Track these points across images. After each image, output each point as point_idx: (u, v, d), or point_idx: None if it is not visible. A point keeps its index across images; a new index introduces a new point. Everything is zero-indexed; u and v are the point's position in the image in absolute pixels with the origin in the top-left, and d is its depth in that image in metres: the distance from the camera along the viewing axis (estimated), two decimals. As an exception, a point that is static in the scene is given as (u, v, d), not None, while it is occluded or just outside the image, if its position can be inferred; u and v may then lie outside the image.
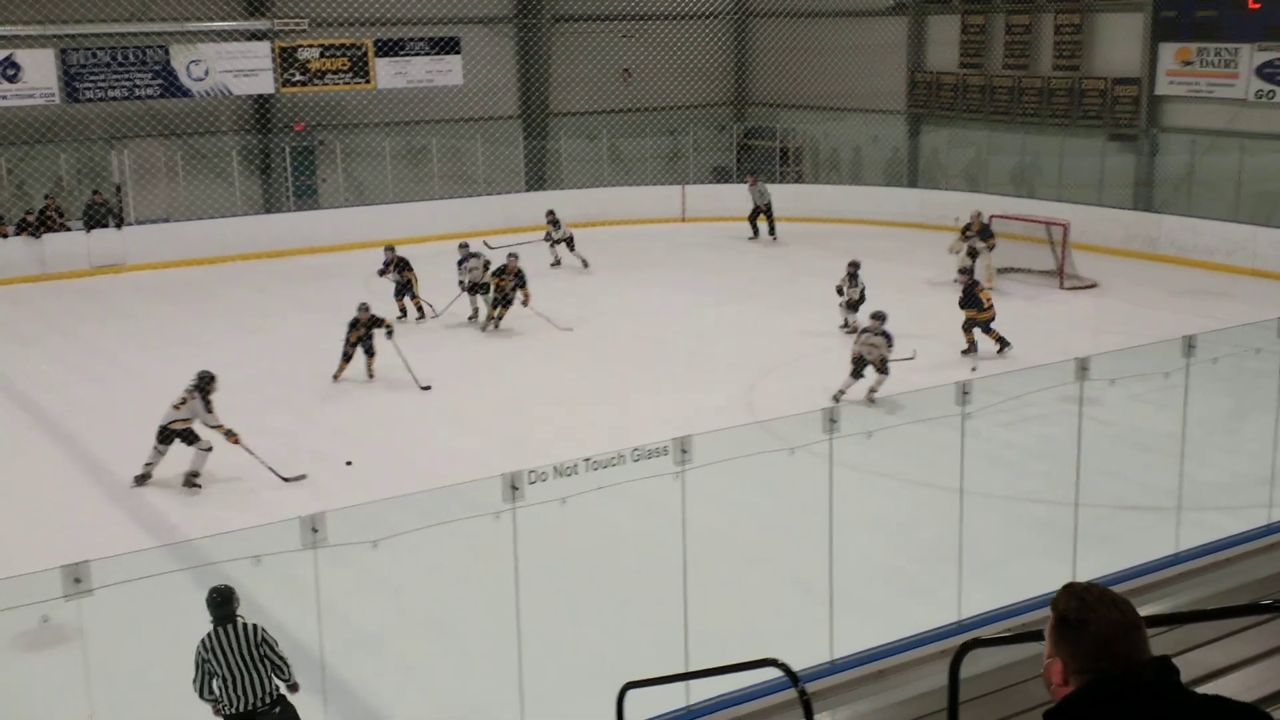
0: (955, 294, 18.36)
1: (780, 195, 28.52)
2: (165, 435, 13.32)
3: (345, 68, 28.03)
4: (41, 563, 6.82)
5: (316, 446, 14.69)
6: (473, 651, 9.74)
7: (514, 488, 7.54)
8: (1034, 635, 5.66)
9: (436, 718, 8.93)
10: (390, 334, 16.87)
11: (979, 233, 21.77)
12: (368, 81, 28.32)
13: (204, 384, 13.50)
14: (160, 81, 26.29)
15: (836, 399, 15.36)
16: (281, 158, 28.19)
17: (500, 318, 19.66)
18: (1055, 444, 12.08)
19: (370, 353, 17.15)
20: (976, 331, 17.65)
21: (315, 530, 6.90)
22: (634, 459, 10.20)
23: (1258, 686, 6.06)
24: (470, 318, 20.47)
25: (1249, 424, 13.22)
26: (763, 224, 27.37)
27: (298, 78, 27.62)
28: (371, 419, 15.70)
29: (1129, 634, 2.67)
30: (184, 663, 9.80)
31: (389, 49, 28.37)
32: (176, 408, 13.34)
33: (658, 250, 26.28)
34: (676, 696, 7.78)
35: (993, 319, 17.61)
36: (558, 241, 24.17)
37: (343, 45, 27.98)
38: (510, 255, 20.08)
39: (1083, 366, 10.30)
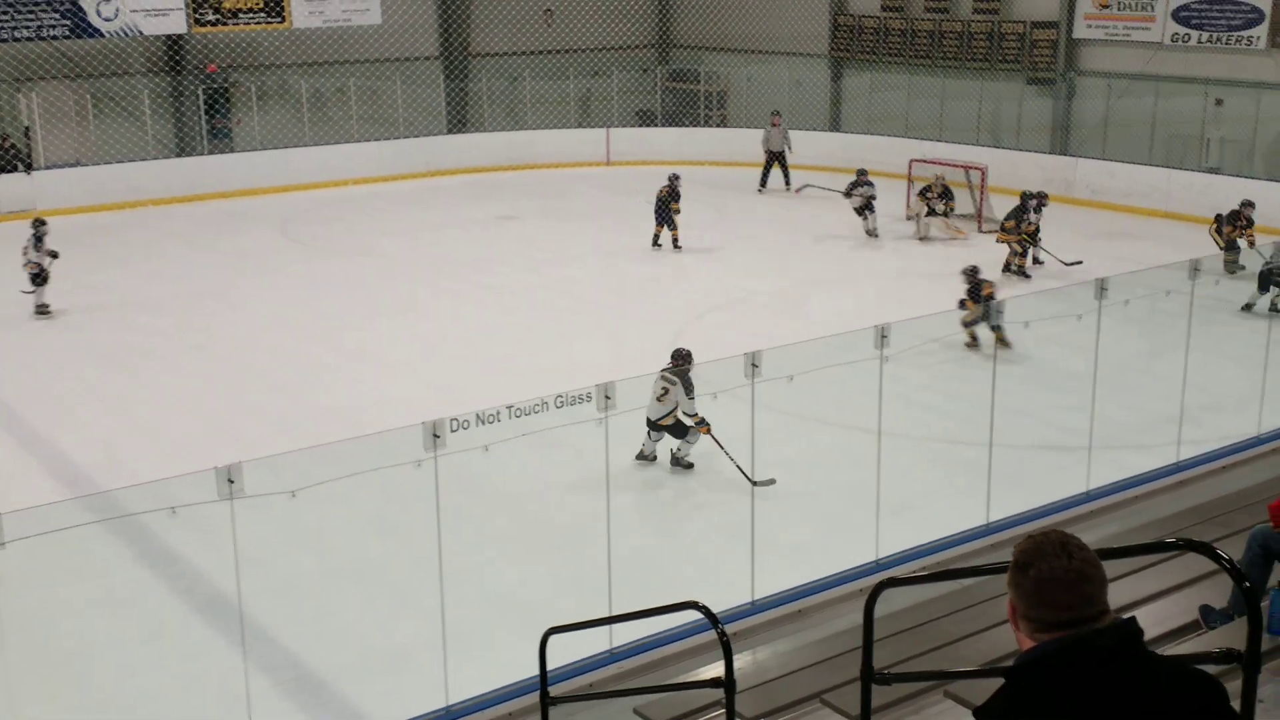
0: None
1: (704, 139, 28.51)
2: (655, 428, 11.84)
3: (259, 6, 27.37)
4: (-50, 516, 6.67)
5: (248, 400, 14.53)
6: (396, 599, 9.73)
7: (435, 435, 7.51)
8: (947, 575, 5.78)
9: (360, 664, 8.93)
10: None
11: (940, 195, 21.84)
12: (283, 21, 27.70)
13: (684, 364, 11.69)
14: (69, 21, 25.48)
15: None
16: (194, 100, 27.53)
17: None
18: (971, 385, 12.29)
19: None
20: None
21: (232, 481, 6.82)
22: (558, 405, 10.20)
23: (1164, 621, 6.26)
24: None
25: (1160, 364, 13.52)
26: (777, 171, 26.50)
27: (210, 17, 26.93)
28: (294, 365, 15.53)
29: (1073, 586, 2.59)
30: (100, 614, 9.71)
31: (305, -12, 27.76)
32: (660, 400, 11.57)
33: (583, 194, 26.15)
34: (599, 640, 7.85)
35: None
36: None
37: (257, -16, 27.33)
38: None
39: (998, 309, 10.46)
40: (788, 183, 26.32)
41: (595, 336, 16.43)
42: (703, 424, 11.45)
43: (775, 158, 26.48)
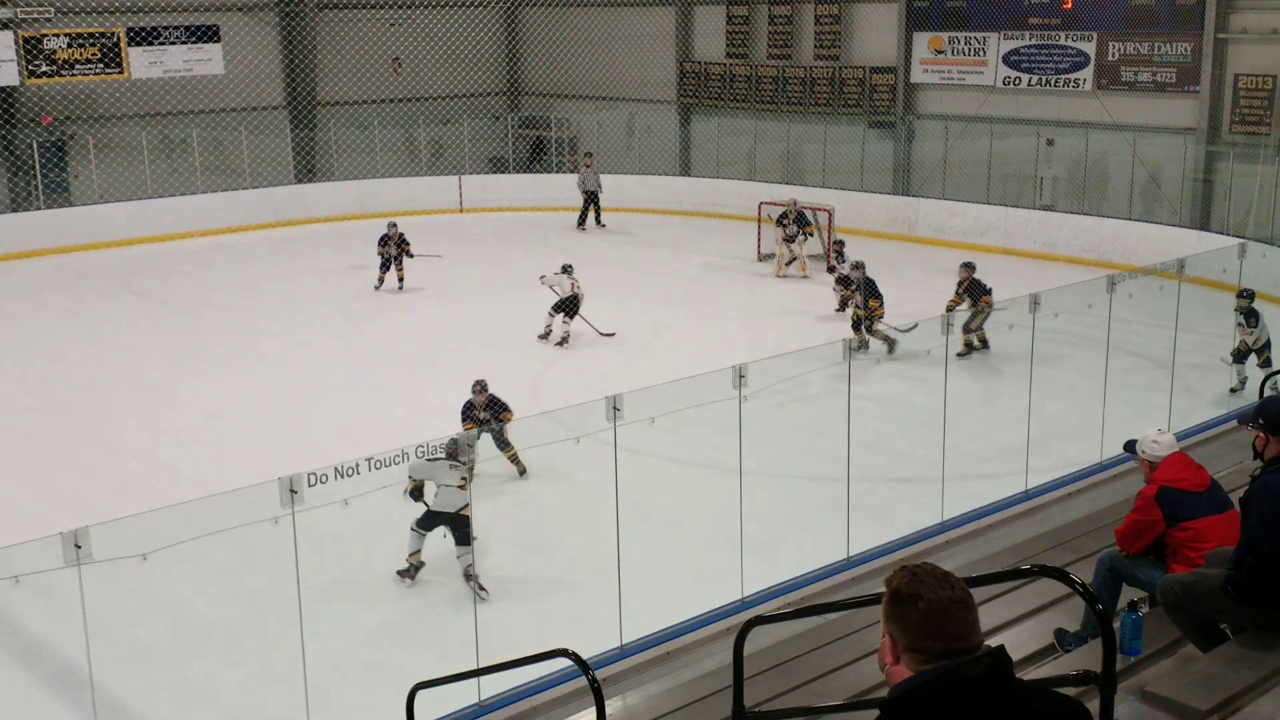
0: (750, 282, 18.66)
1: (557, 185, 28.61)
2: (449, 520, 10.47)
3: (96, 57, 26.65)
4: None
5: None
6: (255, 661, 9.45)
7: (293, 491, 7.34)
8: (813, 610, 5.87)
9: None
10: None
11: (795, 220, 22.27)
12: (121, 71, 27.00)
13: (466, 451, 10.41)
14: (-110, 72, 24.47)
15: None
16: (29, 153, 26.60)
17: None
18: (827, 422, 12.53)
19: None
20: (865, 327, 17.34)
21: (79, 546, 6.56)
22: (418, 455, 10.08)
23: (1022, 646, 6.42)
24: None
25: (1005, 396, 13.96)
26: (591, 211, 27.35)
27: (44, 68, 26.11)
28: (138, 425, 15.02)
29: (959, 612, 2.65)
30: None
31: (143, 37, 27.12)
32: (461, 488, 10.29)
33: (437, 242, 25.95)
34: (468, 693, 7.74)
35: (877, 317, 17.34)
36: None
37: (92, 34, 26.60)
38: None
39: (851, 347, 10.68)
40: (599, 221, 27.20)
41: (452, 384, 16.25)
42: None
43: (591, 198, 27.09)
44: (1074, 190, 25.04)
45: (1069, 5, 24.53)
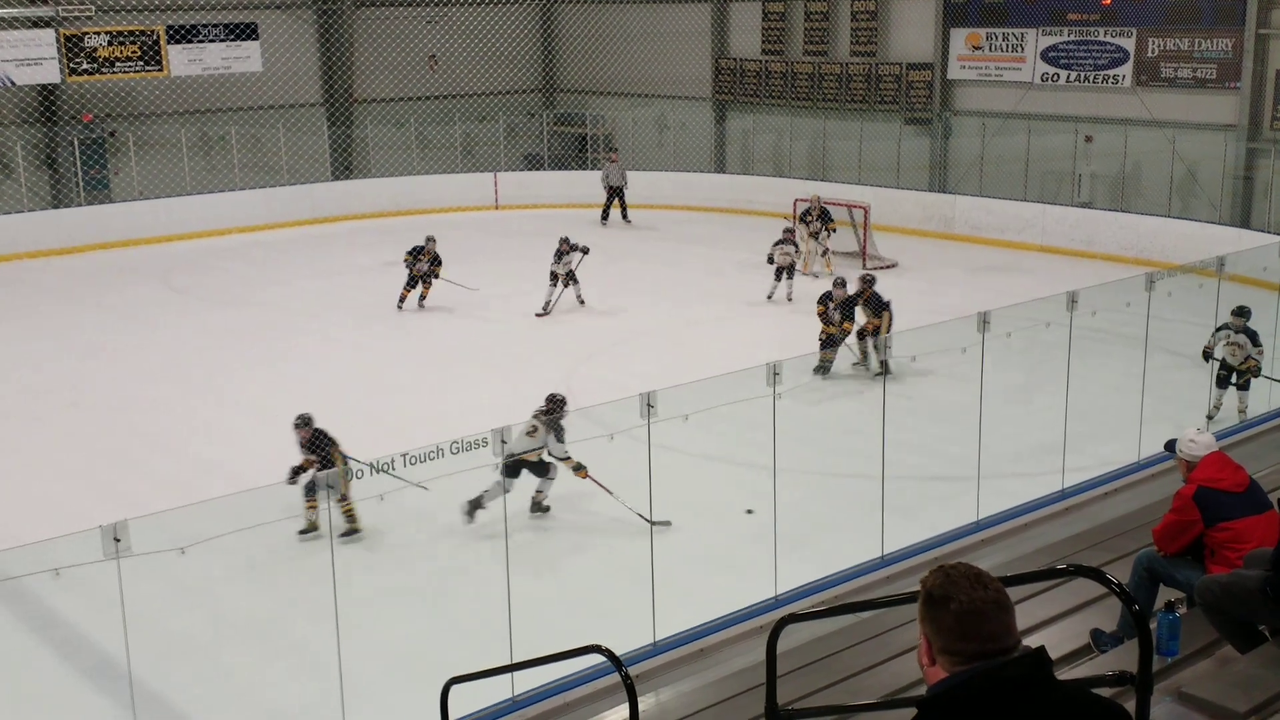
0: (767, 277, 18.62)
1: (592, 181, 28.64)
2: (515, 469, 11.20)
3: (136, 55, 26.88)
4: None
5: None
6: (292, 655, 9.52)
7: (330, 487, 7.39)
8: (846, 608, 5.85)
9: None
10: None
11: (819, 217, 22.17)
12: (160, 69, 27.22)
13: (556, 409, 11.49)
14: (-67, 71, 24.77)
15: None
16: (70, 150, 26.89)
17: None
18: (861, 419, 12.50)
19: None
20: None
21: (118, 539, 6.63)
22: (453, 451, 10.11)
23: (1057, 646, 6.38)
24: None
25: (1041, 395, 13.86)
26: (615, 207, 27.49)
27: (85, 66, 26.36)
28: (175, 420, 15.16)
29: (994, 614, 2.61)
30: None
31: (182, 35, 27.33)
32: (529, 435, 11.28)
33: (472, 238, 26.06)
34: (501, 688, 7.77)
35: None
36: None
37: (132, 32, 26.83)
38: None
39: (886, 345, 10.63)
40: (625, 217, 27.22)
41: (486, 381, 16.33)
42: (580, 468, 11.31)
43: (615, 193, 27.18)
44: (1112, 187, 24.84)
45: (1108, 1, 24.32)
